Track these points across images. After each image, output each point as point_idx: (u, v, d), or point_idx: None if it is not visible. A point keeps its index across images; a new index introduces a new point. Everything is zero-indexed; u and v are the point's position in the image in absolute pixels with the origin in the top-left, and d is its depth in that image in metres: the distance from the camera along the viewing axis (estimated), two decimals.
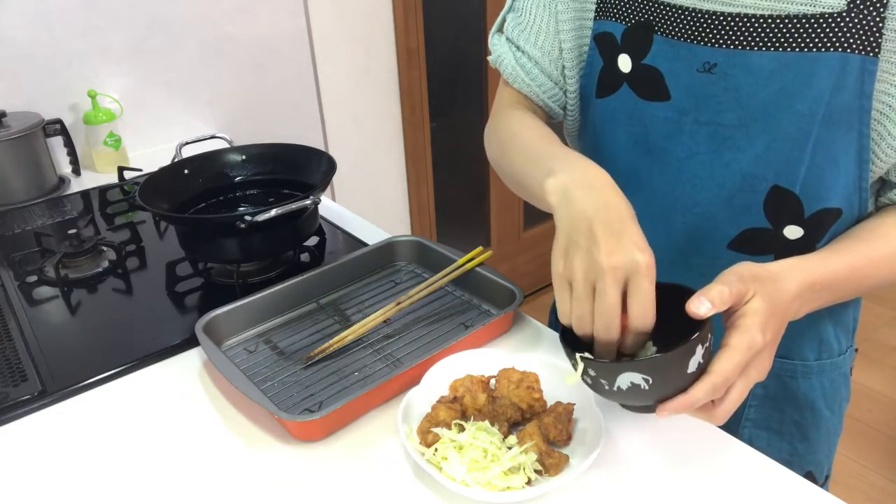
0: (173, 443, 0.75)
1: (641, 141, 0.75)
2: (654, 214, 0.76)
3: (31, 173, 1.38)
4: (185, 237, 1.03)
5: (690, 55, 0.68)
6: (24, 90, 1.43)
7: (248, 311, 0.90)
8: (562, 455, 0.65)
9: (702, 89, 0.69)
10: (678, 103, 0.71)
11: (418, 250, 1.04)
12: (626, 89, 0.74)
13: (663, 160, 0.74)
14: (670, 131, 0.72)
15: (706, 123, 0.70)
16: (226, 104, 1.73)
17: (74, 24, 1.45)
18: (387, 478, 0.68)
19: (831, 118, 0.64)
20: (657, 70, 0.71)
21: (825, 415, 0.83)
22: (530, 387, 0.71)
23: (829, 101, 0.64)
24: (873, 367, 2.29)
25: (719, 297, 0.56)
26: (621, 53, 0.74)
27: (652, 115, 0.73)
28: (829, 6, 0.61)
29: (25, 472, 0.72)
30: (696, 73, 0.68)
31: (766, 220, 0.71)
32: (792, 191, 0.68)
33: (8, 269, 1.09)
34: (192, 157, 1.13)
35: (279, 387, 0.81)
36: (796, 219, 0.70)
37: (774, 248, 0.72)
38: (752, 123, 0.67)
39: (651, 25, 0.71)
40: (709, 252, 0.75)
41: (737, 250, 0.73)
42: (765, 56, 0.65)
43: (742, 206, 0.71)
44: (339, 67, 1.92)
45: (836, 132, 0.65)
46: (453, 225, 2.46)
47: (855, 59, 0.62)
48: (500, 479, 0.63)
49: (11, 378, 0.84)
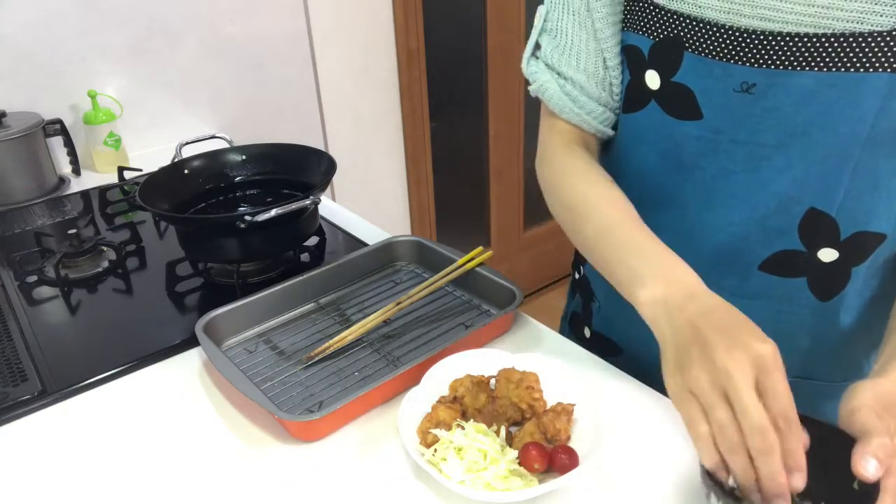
0: (173, 443, 0.75)
1: (672, 158, 0.72)
2: (684, 233, 0.73)
3: (31, 173, 1.38)
4: (185, 237, 1.03)
5: (725, 74, 0.65)
6: (24, 90, 1.43)
7: (248, 311, 0.90)
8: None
9: (738, 109, 0.65)
10: (711, 123, 0.67)
11: (418, 250, 1.04)
12: (655, 106, 0.71)
13: (695, 178, 0.71)
14: (703, 150, 0.69)
15: (743, 143, 0.66)
16: (226, 104, 1.73)
17: (74, 24, 1.45)
18: (387, 478, 0.68)
19: (875, 140, 0.62)
20: (688, 89, 0.68)
21: None
22: (530, 387, 0.70)
23: (873, 123, 0.61)
24: None
25: (883, 450, 0.49)
26: (649, 69, 0.70)
27: (683, 133, 0.70)
28: (877, 24, 0.58)
29: (25, 472, 0.72)
30: (733, 94, 0.65)
31: (801, 242, 0.68)
32: (828, 213, 0.66)
33: (8, 269, 1.09)
34: (192, 157, 1.13)
35: (279, 387, 0.81)
36: (831, 241, 0.67)
37: (807, 271, 0.70)
38: (792, 144, 0.64)
39: (681, 42, 0.67)
40: (739, 272, 0.72)
41: (768, 272, 0.71)
42: (807, 76, 0.61)
43: (776, 228, 0.69)
44: (339, 67, 1.92)
45: (881, 155, 0.63)
46: (453, 225, 2.46)
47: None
48: (498, 481, 0.63)
49: (11, 378, 0.84)
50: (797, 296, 0.72)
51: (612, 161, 0.82)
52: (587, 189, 0.73)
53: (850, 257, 0.69)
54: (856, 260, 0.69)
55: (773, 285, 0.72)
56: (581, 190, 0.73)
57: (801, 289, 0.71)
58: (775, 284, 0.72)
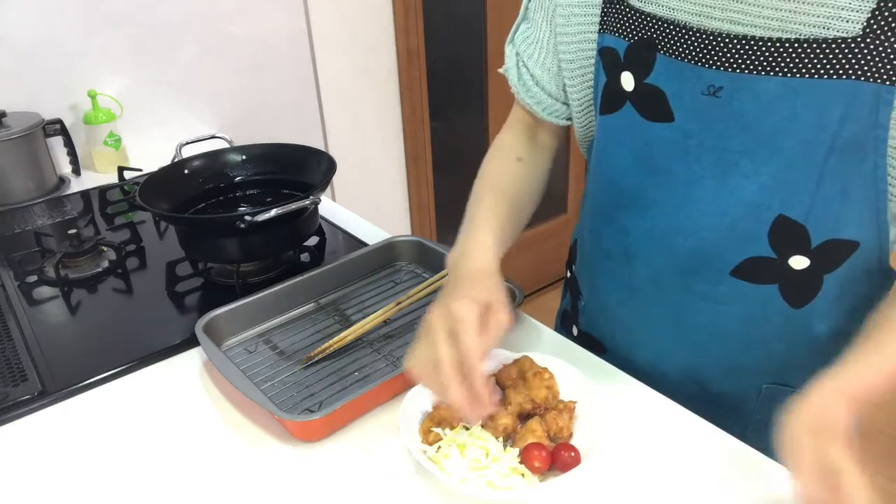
0: (173, 443, 0.74)
1: (646, 161, 0.72)
2: (658, 235, 0.74)
3: (31, 173, 1.38)
4: (185, 237, 1.03)
5: (695, 77, 0.65)
6: (24, 90, 1.43)
7: (248, 311, 0.90)
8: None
9: (707, 113, 0.66)
10: (682, 125, 0.68)
11: (418, 250, 1.04)
12: (630, 108, 0.72)
13: (668, 182, 0.71)
14: (675, 153, 0.70)
15: (711, 148, 0.67)
16: (226, 104, 1.73)
17: (74, 24, 1.45)
18: (387, 478, 0.68)
19: (842, 148, 0.62)
20: (661, 91, 0.68)
21: None
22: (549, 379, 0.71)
23: (837, 130, 0.61)
24: None
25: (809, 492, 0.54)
26: (624, 71, 0.71)
27: (655, 136, 0.70)
28: (843, 31, 0.58)
29: (25, 472, 0.72)
30: (701, 96, 0.65)
31: (771, 249, 0.68)
32: (798, 221, 0.66)
33: (8, 269, 1.09)
34: (192, 157, 1.13)
35: (279, 387, 0.81)
36: (802, 249, 0.67)
37: (778, 278, 0.70)
38: (758, 150, 0.65)
39: (654, 44, 0.67)
40: (711, 278, 0.72)
41: (740, 278, 0.71)
42: (772, 81, 0.61)
43: (746, 234, 0.69)
44: (339, 67, 1.92)
45: (848, 162, 0.62)
46: (453, 225, 2.44)
47: (868, 88, 0.58)
48: (500, 479, 0.63)
49: (11, 378, 0.84)
50: (769, 303, 0.72)
51: (592, 163, 0.83)
52: (487, 164, 0.84)
53: (821, 265, 0.68)
54: (828, 267, 0.69)
55: (745, 291, 0.72)
56: (485, 163, 0.84)
57: (772, 296, 0.71)
58: (747, 291, 0.71)
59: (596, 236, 0.84)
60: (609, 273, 0.83)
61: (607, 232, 0.81)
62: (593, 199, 0.83)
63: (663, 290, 0.77)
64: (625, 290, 0.81)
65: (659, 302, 0.78)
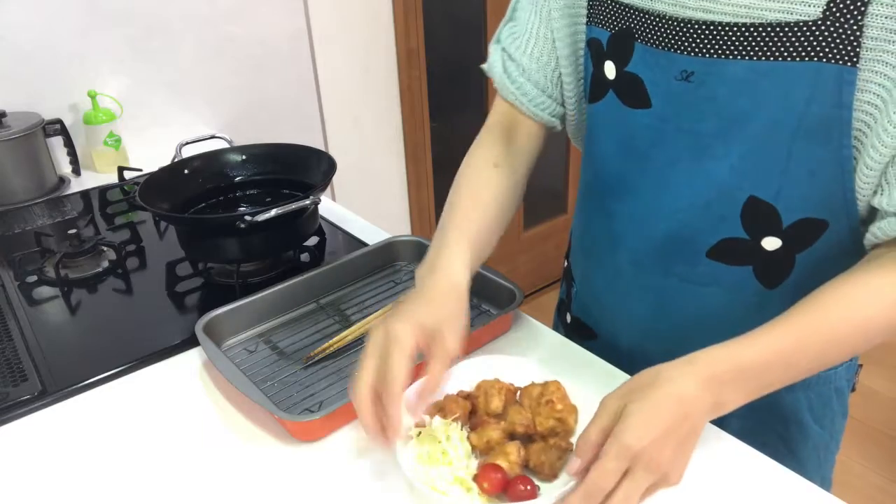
0: (173, 443, 0.75)
1: (627, 147, 0.75)
2: (639, 219, 0.76)
3: (31, 173, 1.38)
4: (185, 237, 1.03)
5: (668, 63, 0.68)
6: (24, 90, 1.43)
7: (248, 311, 0.90)
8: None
9: (680, 97, 0.68)
10: (659, 111, 0.70)
11: (418, 250, 1.04)
12: (612, 96, 0.74)
13: (648, 167, 0.74)
14: (653, 139, 0.72)
15: (686, 132, 0.69)
16: (226, 104, 1.73)
17: (74, 24, 1.45)
18: (387, 478, 0.68)
19: (808, 129, 0.63)
20: (639, 78, 0.71)
21: (813, 430, 0.82)
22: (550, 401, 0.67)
23: (803, 111, 0.63)
24: (873, 367, 2.29)
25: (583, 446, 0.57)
26: (607, 60, 0.74)
27: (636, 122, 0.73)
28: (805, 14, 0.60)
29: (25, 472, 0.72)
30: (675, 82, 0.68)
31: (744, 230, 0.70)
32: (768, 202, 0.68)
33: (8, 269, 1.09)
34: (192, 157, 1.13)
35: (279, 387, 0.81)
36: (773, 230, 0.69)
37: (753, 260, 0.71)
38: (729, 132, 0.67)
39: (632, 33, 0.70)
40: (689, 259, 0.74)
41: (716, 259, 0.73)
42: (739, 65, 0.64)
43: (719, 216, 0.71)
44: (339, 67, 1.92)
45: (814, 143, 0.64)
46: None
47: (830, 69, 0.60)
48: (442, 482, 0.62)
49: (11, 378, 0.84)
50: (744, 283, 0.73)
51: (583, 151, 0.85)
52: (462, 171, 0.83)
53: (793, 245, 0.70)
54: (799, 247, 0.70)
55: (721, 273, 0.73)
56: (460, 170, 0.83)
57: (747, 276, 0.73)
58: (723, 272, 0.73)
59: (586, 222, 0.86)
60: (596, 258, 0.85)
61: (596, 218, 0.83)
62: (585, 186, 0.86)
63: (645, 272, 0.78)
64: (610, 274, 0.83)
65: (640, 284, 0.80)
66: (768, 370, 0.60)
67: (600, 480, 0.55)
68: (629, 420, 0.55)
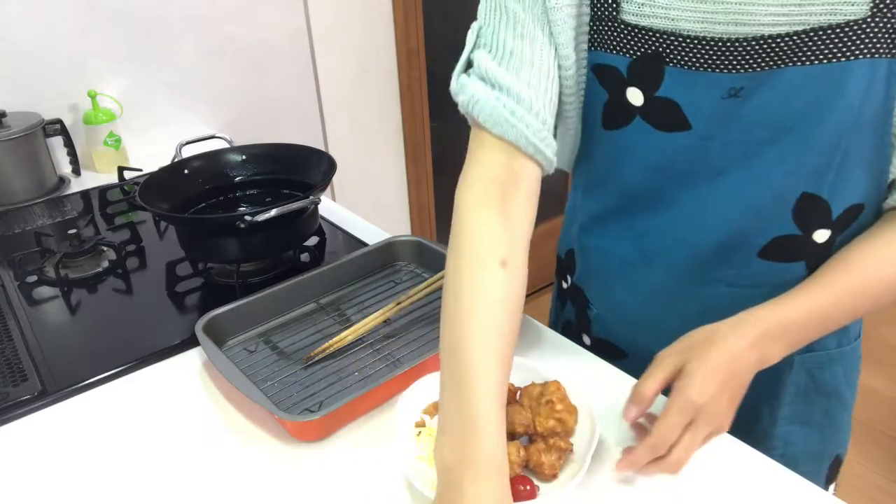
0: (173, 443, 0.75)
1: (663, 168, 0.72)
2: (680, 233, 0.74)
3: (31, 173, 1.38)
4: (185, 237, 1.03)
5: (710, 84, 0.65)
6: (24, 90, 1.43)
7: (248, 311, 0.90)
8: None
9: (728, 114, 0.66)
10: (701, 131, 0.68)
11: (418, 250, 1.04)
12: (640, 122, 0.71)
13: (689, 182, 0.71)
14: (695, 157, 0.70)
15: (735, 143, 0.68)
16: (226, 104, 1.73)
17: (74, 24, 1.45)
18: (386, 478, 0.68)
19: (863, 122, 0.64)
20: (674, 102, 0.68)
21: (847, 396, 0.84)
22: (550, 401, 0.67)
23: (860, 106, 0.63)
24: (874, 367, 2.29)
25: (639, 395, 0.63)
26: (630, 87, 0.70)
27: (673, 145, 0.70)
28: (852, 14, 0.60)
29: (25, 472, 0.72)
30: (721, 101, 0.66)
31: (796, 226, 0.70)
32: (820, 195, 0.68)
33: (8, 269, 1.09)
34: (192, 157, 1.13)
35: (279, 387, 0.81)
36: (824, 222, 0.69)
37: (804, 254, 0.71)
38: (784, 138, 0.66)
39: (661, 57, 0.67)
40: (739, 262, 0.73)
41: (767, 258, 0.72)
42: (792, 71, 0.62)
43: (771, 216, 0.70)
44: (339, 67, 1.92)
45: (865, 134, 0.65)
46: None
47: (882, 64, 0.61)
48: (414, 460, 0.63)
49: (11, 378, 0.84)
50: (795, 280, 0.71)
51: (591, 172, 0.81)
52: (460, 277, 0.66)
53: (838, 234, 0.70)
54: (840, 233, 0.71)
55: (773, 272, 0.72)
56: (456, 275, 0.67)
57: (799, 273, 0.72)
58: (774, 271, 0.72)
59: (607, 245, 0.82)
60: (625, 278, 0.82)
61: (621, 239, 0.80)
62: (602, 208, 0.81)
63: (685, 285, 0.77)
64: (643, 292, 0.80)
65: (682, 296, 0.78)
66: (808, 325, 0.66)
67: (666, 433, 0.60)
68: (692, 377, 0.61)
